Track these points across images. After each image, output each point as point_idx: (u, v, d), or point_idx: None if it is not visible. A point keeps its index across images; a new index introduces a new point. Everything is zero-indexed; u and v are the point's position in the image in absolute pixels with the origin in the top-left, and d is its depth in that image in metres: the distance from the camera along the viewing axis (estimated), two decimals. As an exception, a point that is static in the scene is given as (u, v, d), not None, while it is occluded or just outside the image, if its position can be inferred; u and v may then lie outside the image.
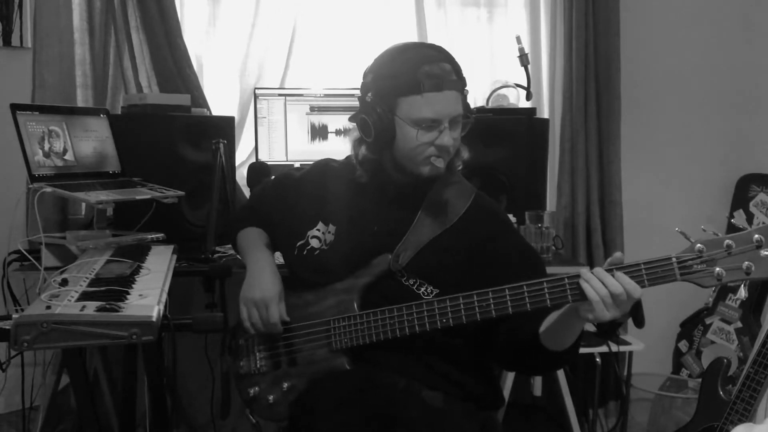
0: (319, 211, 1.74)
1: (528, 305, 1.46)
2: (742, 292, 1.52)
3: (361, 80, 1.66)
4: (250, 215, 1.92)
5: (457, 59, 1.64)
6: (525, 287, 1.47)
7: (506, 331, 1.57)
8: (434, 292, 1.60)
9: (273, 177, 1.99)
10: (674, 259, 1.37)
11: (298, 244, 1.73)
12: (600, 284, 1.36)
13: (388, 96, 1.59)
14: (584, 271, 1.39)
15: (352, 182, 1.72)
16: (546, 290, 1.45)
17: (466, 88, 1.64)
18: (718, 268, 1.35)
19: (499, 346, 1.62)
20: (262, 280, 1.70)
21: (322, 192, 1.77)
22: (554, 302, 1.45)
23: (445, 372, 1.62)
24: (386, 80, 1.60)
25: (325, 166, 1.83)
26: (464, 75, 1.64)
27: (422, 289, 1.61)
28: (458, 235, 1.65)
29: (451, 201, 1.69)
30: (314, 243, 1.72)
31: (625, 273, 1.38)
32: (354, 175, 1.71)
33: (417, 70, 1.56)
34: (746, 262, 1.34)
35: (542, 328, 1.51)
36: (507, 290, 1.48)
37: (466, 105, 1.63)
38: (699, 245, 1.36)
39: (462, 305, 1.51)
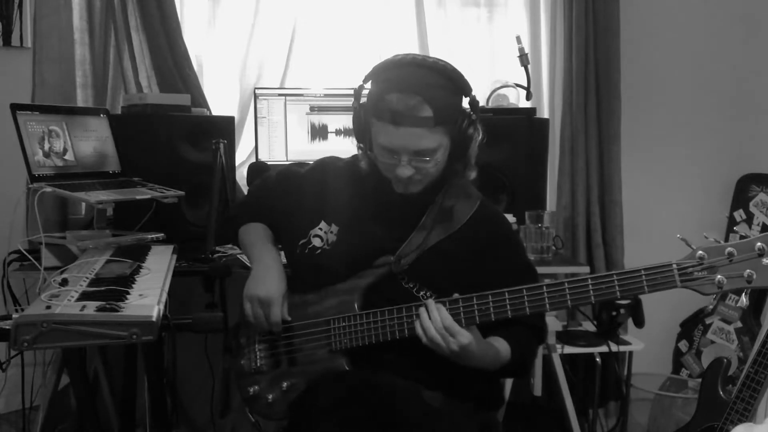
0: (321, 210, 1.73)
1: (527, 309, 1.46)
2: (744, 300, 1.51)
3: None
4: (251, 210, 1.89)
5: (450, 83, 1.57)
6: (524, 291, 1.47)
7: None
8: (432, 297, 1.59)
9: (276, 172, 1.94)
10: (675, 266, 1.36)
11: (300, 242, 1.72)
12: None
13: (365, 113, 1.60)
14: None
15: (356, 182, 1.71)
16: (546, 295, 1.44)
17: (465, 111, 1.58)
18: (719, 276, 1.34)
19: None
20: (267, 278, 1.69)
21: (325, 190, 1.75)
22: (553, 307, 1.45)
23: (444, 372, 1.61)
24: (367, 97, 1.60)
25: (329, 164, 1.81)
26: (454, 106, 1.57)
27: (421, 293, 1.61)
28: (459, 241, 1.65)
29: (457, 207, 1.68)
30: (316, 242, 1.71)
31: (624, 277, 1.38)
32: (358, 174, 1.69)
33: (383, 97, 1.53)
34: (748, 270, 1.33)
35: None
36: (506, 294, 1.48)
37: (454, 135, 1.58)
38: (700, 252, 1.35)
39: (461, 309, 1.51)
